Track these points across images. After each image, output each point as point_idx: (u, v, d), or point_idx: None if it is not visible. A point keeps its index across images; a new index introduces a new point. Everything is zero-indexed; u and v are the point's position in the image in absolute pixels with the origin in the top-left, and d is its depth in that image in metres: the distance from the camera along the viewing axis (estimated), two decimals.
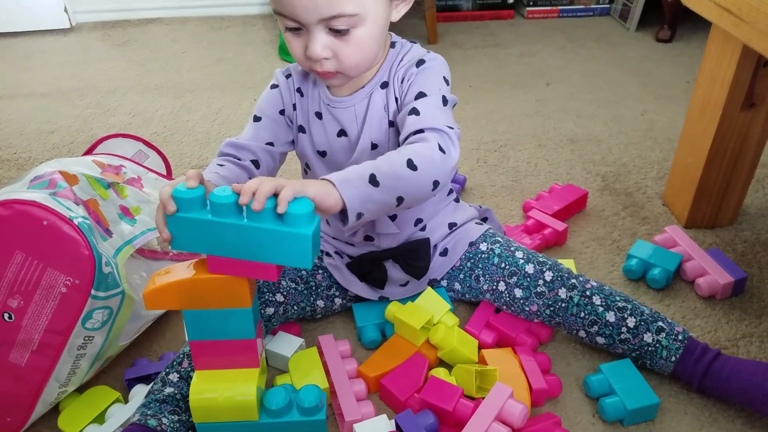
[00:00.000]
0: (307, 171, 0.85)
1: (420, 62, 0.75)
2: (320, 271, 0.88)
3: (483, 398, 0.72)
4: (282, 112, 0.81)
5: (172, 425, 0.69)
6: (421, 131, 0.69)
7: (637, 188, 1.19)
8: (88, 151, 1.01)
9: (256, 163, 0.79)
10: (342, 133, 0.79)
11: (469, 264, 0.87)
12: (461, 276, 0.88)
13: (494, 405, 0.71)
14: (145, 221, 0.87)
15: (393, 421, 0.72)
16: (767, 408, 0.71)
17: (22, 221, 0.70)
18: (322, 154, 0.81)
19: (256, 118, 0.81)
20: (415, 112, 0.71)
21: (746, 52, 0.89)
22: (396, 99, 0.77)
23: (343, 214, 0.63)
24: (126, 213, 0.86)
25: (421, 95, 0.73)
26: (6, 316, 0.71)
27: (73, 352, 0.73)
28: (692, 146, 1.03)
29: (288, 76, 0.81)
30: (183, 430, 0.70)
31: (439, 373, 0.78)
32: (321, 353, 0.82)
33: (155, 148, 1.06)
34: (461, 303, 0.92)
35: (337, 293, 0.89)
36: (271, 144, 0.80)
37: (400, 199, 0.65)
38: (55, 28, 2.06)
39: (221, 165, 0.76)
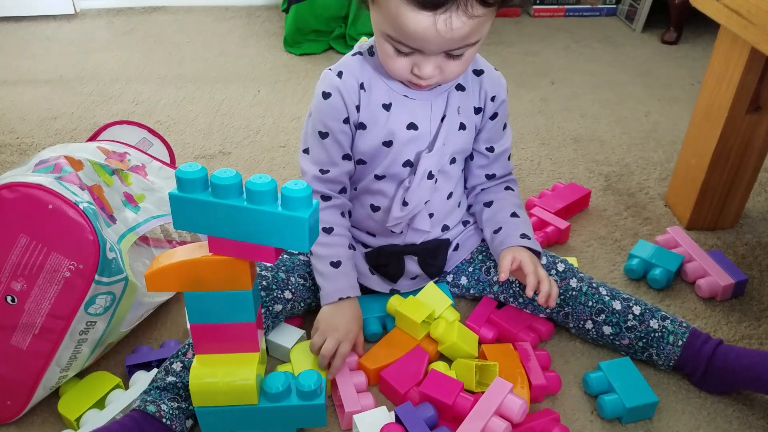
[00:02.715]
0: (357, 166, 0.82)
1: (506, 88, 0.83)
2: None
3: (482, 393, 0.72)
4: (346, 120, 0.77)
5: (170, 411, 0.69)
6: (510, 174, 0.90)
7: (639, 189, 1.19)
8: (93, 138, 1.01)
9: (343, 190, 0.82)
10: (412, 126, 0.78)
11: (480, 257, 0.89)
12: (470, 269, 0.89)
13: (494, 399, 0.71)
14: (148, 209, 0.87)
15: (392, 413, 0.72)
16: None
17: (27, 204, 0.70)
18: (387, 144, 0.78)
19: (323, 135, 0.78)
20: (507, 152, 0.87)
21: (754, 55, 0.89)
22: (476, 108, 0.81)
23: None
24: (130, 200, 0.85)
25: (505, 126, 0.85)
26: (9, 299, 0.71)
27: (74, 337, 0.73)
28: (696, 148, 1.03)
29: (340, 74, 0.76)
30: (182, 417, 0.71)
31: (439, 366, 0.78)
32: None
33: (159, 136, 1.06)
34: (463, 299, 0.92)
35: None
36: (347, 157, 0.79)
37: None
38: (59, 14, 2.06)
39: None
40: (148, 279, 0.60)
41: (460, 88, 0.79)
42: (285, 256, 0.86)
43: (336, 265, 0.80)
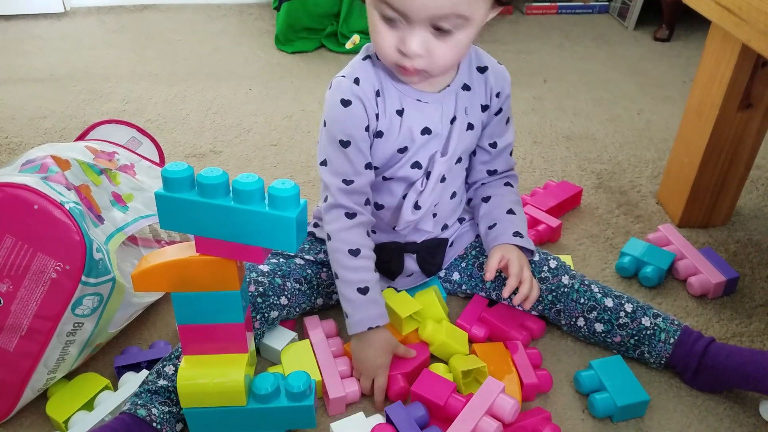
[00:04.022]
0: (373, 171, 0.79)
1: (510, 82, 0.82)
2: (325, 270, 0.86)
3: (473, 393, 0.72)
4: (367, 128, 0.74)
5: (161, 416, 0.69)
6: (512, 170, 0.88)
7: (631, 186, 1.19)
8: (81, 137, 1.00)
9: (367, 201, 0.78)
10: (426, 130, 0.76)
11: (474, 252, 0.89)
12: (463, 264, 0.89)
13: (485, 399, 0.71)
14: (137, 209, 0.86)
15: (378, 415, 0.72)
16: (766, 383, 0.71)
17: (12, 205, 0.69)
18: (402, 150, 0.77)
19: (344, 143, 0.74)
20: (509, 147, 0.86)
21: (745, 52, 0.89)
22: (483, 106, 0.80)
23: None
24: (118, 200, 0.85)
25: (508, 121, 0.84)
26: None
27: (62, 338, 0.73)
28: (688, 146, 1.03)
29: (357, 80, 0.73)
30: (173, 422, 0.70)
31: (438, 369, 0.78)
32: (306, 335, 0.82)
33: (149, 136, 1.05)
34: (454, 297, 0.92)
35: (336, 289, 0.88)
36: (369, 166, 0.76)
37: None
38: (49, 12, 2.04)
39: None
40: (135, 279, 0.60)
41: (466, 88, 0.78)
42: (281, 259, 0.85)
43: (364, 291, 0.75)
